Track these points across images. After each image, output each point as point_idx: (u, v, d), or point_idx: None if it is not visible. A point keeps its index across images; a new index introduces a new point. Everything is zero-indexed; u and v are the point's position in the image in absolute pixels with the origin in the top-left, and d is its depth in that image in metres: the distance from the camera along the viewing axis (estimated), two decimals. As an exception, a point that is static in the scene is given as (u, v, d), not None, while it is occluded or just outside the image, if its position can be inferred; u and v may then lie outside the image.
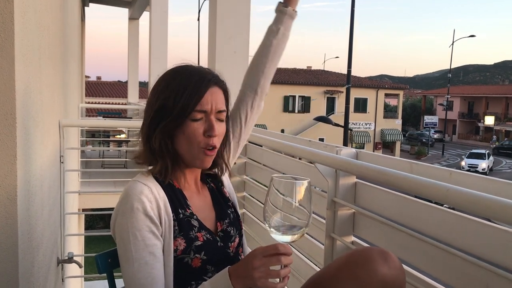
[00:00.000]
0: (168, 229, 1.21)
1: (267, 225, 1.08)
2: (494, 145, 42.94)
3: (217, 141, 1.27)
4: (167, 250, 1.20)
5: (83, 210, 6.18)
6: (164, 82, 1.27)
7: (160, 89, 1.26)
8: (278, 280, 1.05)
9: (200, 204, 1.32)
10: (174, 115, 1.22)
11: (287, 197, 1.06)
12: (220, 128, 1.27)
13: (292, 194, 1.06)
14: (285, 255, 1.04)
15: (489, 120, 47.53)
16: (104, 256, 1.38)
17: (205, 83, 1.25)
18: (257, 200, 2.69)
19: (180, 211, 1.24)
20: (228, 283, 1.07)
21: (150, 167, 1.30)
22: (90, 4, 10.68)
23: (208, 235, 1.26)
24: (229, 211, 1.38)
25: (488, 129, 48.24)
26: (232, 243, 1.34)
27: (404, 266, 1.36)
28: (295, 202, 1.06)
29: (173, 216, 1.22)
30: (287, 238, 1.07)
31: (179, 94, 1.22)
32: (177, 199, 1.26)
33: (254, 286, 1.04)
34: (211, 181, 1.42)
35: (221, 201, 1.39)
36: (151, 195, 1.19)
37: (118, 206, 1.21)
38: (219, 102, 1.26)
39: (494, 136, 46.81)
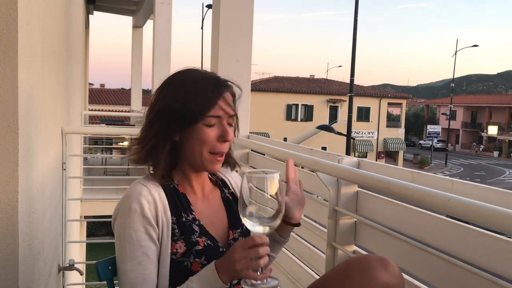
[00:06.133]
0: (166, 231, 1.21)
1: (242, 217, 1.12)
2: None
3: (228, 146, 1.29)
4: (164, 252, 1.21)
5: (85, 217, 6.17)
6: (178, 84, 1.27)
7: (173, 90, 1.25)
8: (259, 271, 1.09)
9: (205, 210, 1.32)
10: (191, 118, 1.22)
11: (260, 190, 1.10)
12: (232, 133, 1.28)
13: (264, 188, 1.10)
14: (262, 246, 1.08)
15: (493, 130, 47.42)
16: (105, 263, 1.38)
17: (221, 89, 1.27)
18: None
19: (183, 215, 1.25)
20: (215, 276, 1.11)
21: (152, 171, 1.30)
22: (95, 12, 10.74)
23: (209, 241, 1.25)
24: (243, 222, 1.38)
25: (492, 138, 48.11)
26: None
27: (405, 276, 1.35)
28: (267, 195, 1.10)
29: (174, 219, 1.23)
30: (259, 229, 1.11)
31: (196, 98, 1.23)
32: (180, 203, 1.27)
33: (238, 277, 1.10)
34: (228, 191, 1.42)
35: (236, 211, 1.38)
36: (150, 197, 1.21)
37: (118, 205, 1.24)
38: (230, 107, 1.28)
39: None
